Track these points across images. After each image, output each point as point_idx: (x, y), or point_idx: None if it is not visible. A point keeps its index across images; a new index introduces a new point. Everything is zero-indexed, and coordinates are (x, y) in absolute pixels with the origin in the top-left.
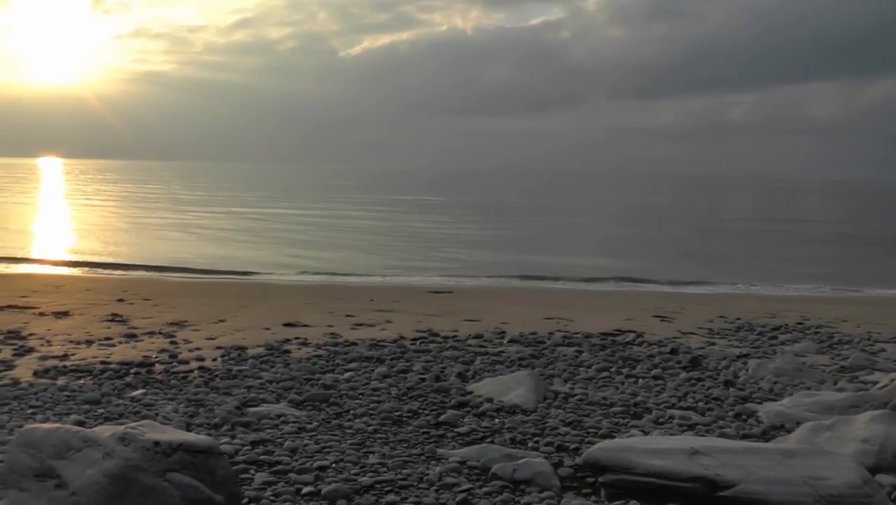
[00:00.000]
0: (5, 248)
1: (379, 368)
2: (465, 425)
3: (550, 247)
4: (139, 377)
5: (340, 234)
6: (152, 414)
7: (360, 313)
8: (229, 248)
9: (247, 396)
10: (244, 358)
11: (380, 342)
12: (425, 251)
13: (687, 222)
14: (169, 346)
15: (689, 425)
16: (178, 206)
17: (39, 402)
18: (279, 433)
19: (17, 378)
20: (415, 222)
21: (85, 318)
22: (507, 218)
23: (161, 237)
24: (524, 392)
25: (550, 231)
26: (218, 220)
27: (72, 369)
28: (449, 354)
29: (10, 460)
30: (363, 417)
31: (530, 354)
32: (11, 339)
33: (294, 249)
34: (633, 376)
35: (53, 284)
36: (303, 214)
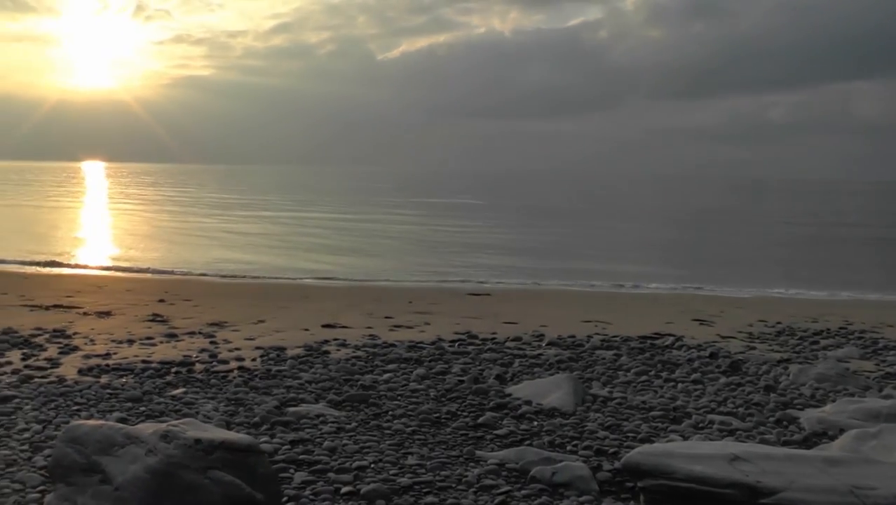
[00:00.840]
0: (51, 251)
1: (417, 369)
2: (504, 428)
3: (589, 250)
4: (180, 376)
5: (378, 236)
6: (193, 412)
7: (399, 315)
8: (267, 253)
9: (286, 395)
10: (283, 358)
11: (418, 344)
12: (463, 254)
13: (726, 225)
14: (209, 346)
15: (728, 431)
16: (216, 210)
17: (84, 399)
18: (318, 433)
19: (62, 375)
20: (454, 225)
21: (127, 318)
22: (546, 221)
23: (199, 241)
24: (563, 395)
25: (589, 234)
26: (255, 225)
27: (114, 368)
28: (487, 357)
29: (58, 455)
30: (402, 418)
31: (569, 358)
32: (57, 337)
33: (331, 253)
34: (672, 380)
35: (96, 284)
36: (342, 219)
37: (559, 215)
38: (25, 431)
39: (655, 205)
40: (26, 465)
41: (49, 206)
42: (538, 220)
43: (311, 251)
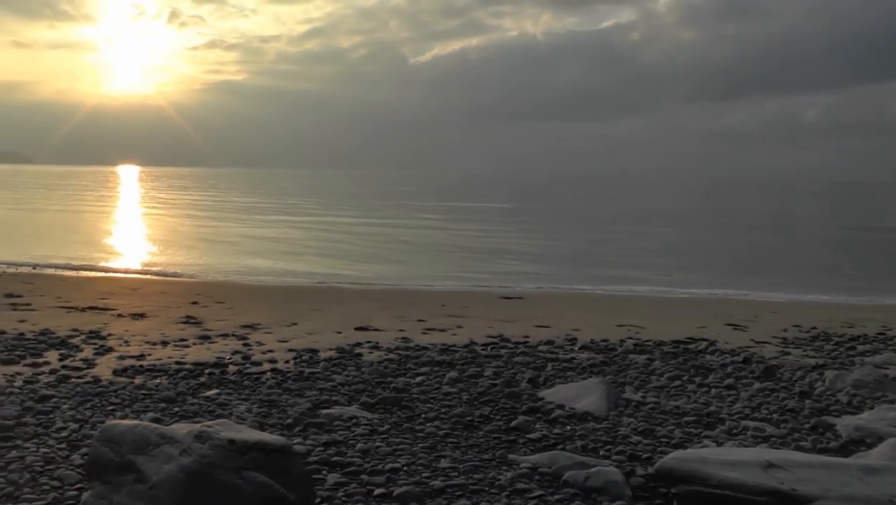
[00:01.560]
0: (86, 254)
1: (450, 372)
2: (537, 432)
3: (622, 253)
4: (213, 377)
5: (409, 240)
6: (226, 414)
7: (431, 318)
8: (299, 257)
9: (319, 397)
10: (316, 360)
11: (451, 347)
12: (494, 257)
13: (760, 228)
14: (242, 347)
15: (763, 437)
16: (248, 213)
17: (118, 399)
18: (351, 435)
19: (97, 376)
20: (486, 230)
21: (160, 319)
22: (579, 224)
23: (231, 244)
24: (596, 399)
25: (622, 237)
26: (287, 228)
27: (148, 369)
28: (520, 360)
29: (94, 454)
30: (434, 420)
31: (601, 362)
32: (92, 338)
33: (362, 257)
34: (705, 386)
35: (130, 287)
36: (372, 223)
37: (592, 219)
38: (63, 430)
39: (689, 208)
40: (64, 463)
41: (85, 210)
42: (571, 224)
43: (343, 255)
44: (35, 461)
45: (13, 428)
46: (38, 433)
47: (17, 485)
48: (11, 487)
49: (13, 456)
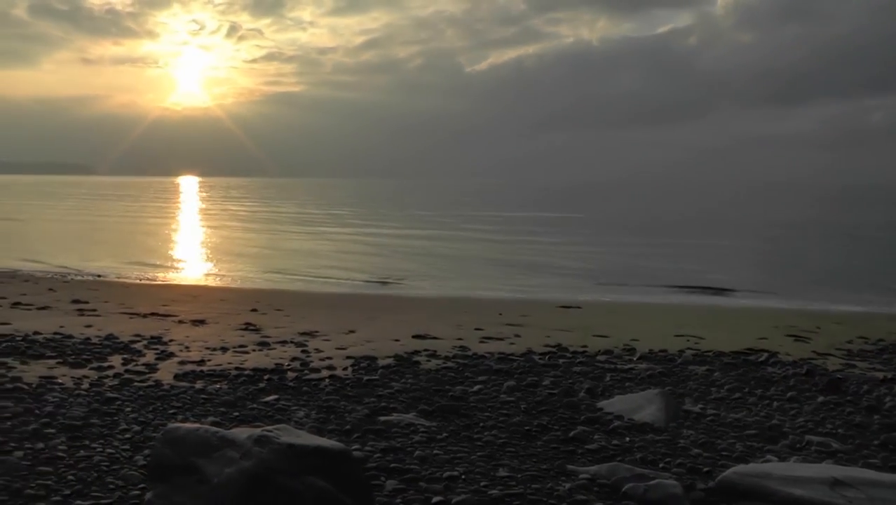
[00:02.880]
0: (148, 261)
1: (508, 381)
2: (595, 442)
3: (681, 263)
4: (272, 383)
5: (467, 249)
6: (285, 419)
7: (489, 327)
8: (357, 265)
9: (377, 404)
10: (374, 368)
11: (509, 356)
12: (551, 266)
13: (822, 236)
14: (300, 354)
15: (828, 453)
16: (306, 222)
17: (179, 403)
18: (409, 442)
19: (159, 380)
20: (544, 239)
21: (220, 326)
22: (637, 233)
23: (290, 252)
24: (655, 411)
25: (681, 247)
26: (344, 237)
27: (208, 374)
28: (578, 370)
29: (156, 456)
30: (493, 429)
31: (660, 372)
32: (154, 344)
33: (419, 265)
34: (766, 398)
35: (191, 294)
36: (430, 232)
37: (650, 227)
38: (126, 432)
39: (747, 215)
40: (128, 463)
41: (146, 220)
42: (628, 233)
43: (398, 264)
44: (101, 461)
45: (81, 428)
46: (103, 434)
47: (86, 483)
48: (80, 485)
49: (81, 455)
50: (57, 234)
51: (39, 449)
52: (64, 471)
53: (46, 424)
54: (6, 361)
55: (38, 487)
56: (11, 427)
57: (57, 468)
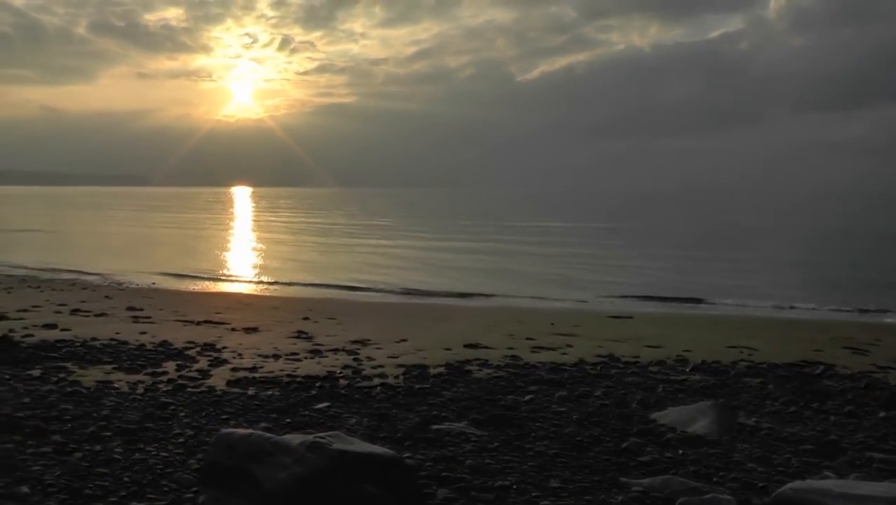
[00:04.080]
0: (202, 270)
1: (560, 391)
2: (648, 454)
3: (732, 272)
4: (324, 390)
5: (518, 258)
6: (337, 426)
7: (540, 337)
8: (410, 274)
9: (429, 413)
10: (426, 376)
11: (560, 366)
12: (604, 276)
13: (880, 245)
14: (352, 362)
15: (891, 471)
16: (358, 232)
17: (232, 408)
18: (461, 451)
19: (212, 386)
20: (594, 249)
21: (272, 334)
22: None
23: (342, 261)
24: (708, 424)
25: (732, 255)
26: (397, 247)
27: (261, 380)
28: (630, 381)
29: (210, 460)
30: (544, 439)
31: (713, 384)
32: (207, 351)
33: (472, 275)
34: (823, 412)
35: (244, 302)
36: (481, 243)
37: (702, 236)
38: (180, 436)
39: (801, 224)
40: (181, 467)
41: (200, 229)
42: (681, 242)
43: (451, 273)
44: (156, 464)
45: (136, 432)
46: (158, 437)
47: (141, 485)
48: (136, 487)
49: (137, 458)
50: (113, 244)
51: (97, 451)
52: (120, 473)
53: (103, 426)
54: (66, 365)
55: (96, 488)
56: (71, 429)
57: (113, 470)
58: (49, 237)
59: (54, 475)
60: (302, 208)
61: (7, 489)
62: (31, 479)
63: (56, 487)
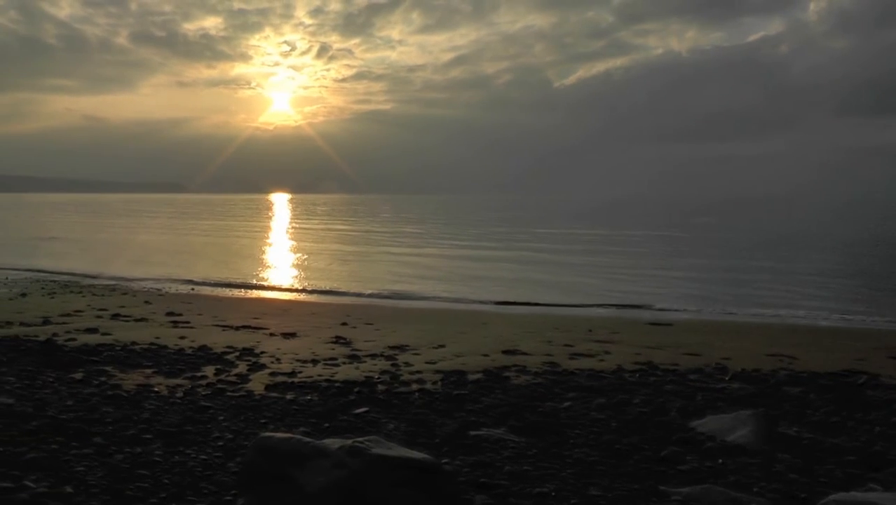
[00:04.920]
0: (240, 276)
1: (598, 398)
2: (687, 463)
3: (771, 279)
4: (362, 396)
5: (556, 265)
6: (375, 431)
7: (578, 343)
8: (445, 281)
9: (467, 419)
10: (464, 382)
11: (599, 373)
12: (641, 284)
13: None
14: (390, 368)
15: None
16: (396, 238)
17: (271, 413)
18: (499, 457)
19: (251, 391)
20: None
21: (311, 339)
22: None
23: (379, 267)
24: (748, 433)
25: (773, 263)
26: (434, 253)
27: (299, 385)
28: (669, 389)
29: (249, 463)
30: (583, 447)
31: (753, 393)
32: (246, 355)
33: (508, 281)
34: (867, 423)
35: (282, 307)
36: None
37: (741, 243)
38: (219, 439)
39: (844, 231)
40: (220, 470)
41: (238, 236)
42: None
43: (487, 280)
44: (195, 466)
45: (176, 434)
46: (197, 440)
47: (181, 487)
48: (176, 489)
49: (176, 460)
50: (152, 250)
51: (138, 453)
52: (160, 474)
53: (144, 429)
54: (107, 369)
55: (137, 490)
56: (112, 431)
57: (154, 472)
58: (89, 243)
59: (96, 476)
60: (339, 215)
61: (52, 489)
62: (74, 479)
63: (98, 488)
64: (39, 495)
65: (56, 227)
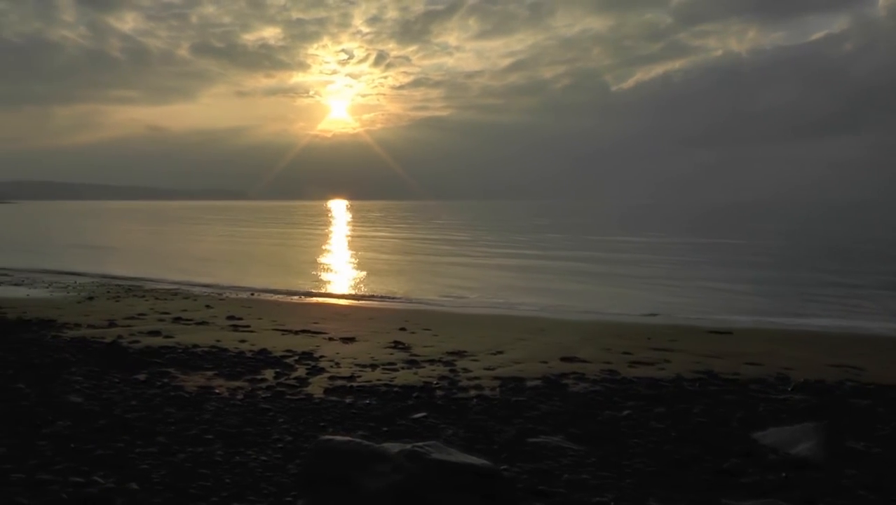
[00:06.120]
0: (299, 281)
1: (657, 407)
2: (749, 476)
3: (838, 288)
4: (420, 401)
5: (616, 272)
6: (433, 436)
7: (637, 351)
8: (502, 289)
9: (525, 425)
10: (522, 389)
11: (658, 381)
12: (701, 291)
13: None
14: (448, 373)
15: None
16: (453, 244)
17: (330, 416)
18: (557, 465)
19: (310, 394)
20: (691, 267)
21: (369, 344)
22: (790, 255)
23: (437, 273)
24: (813, 446)
25: (839, 270)
26: (492, 259)
27: (358, 389)
28: (730, 398)
29: (308, 465)
30: (642, 456)
31: (817, 404)
32: (305, 359)
33: (567, 288)
34: None
35: (340, 312)
36: (579, 255)
37: (806, 250)
38: (279, 441)
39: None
40: (280, 471)
41: (298, 241)
42: (782, 256)
43: (547, 286)
44: (255, 467)
45: (236, 436)
46: (257, 442)
47: (241, 487)
48: (237, 489)
49: (237, 461)
50: (214, 255)
51: (199, 453)
52: (221, 474)
53: (205, 429)
54: (169, 370)
55: (199, 488)
56: (175, 431)
57: (215, 471)
58: (151, 249)
59: (160, 474)
60: (396, 221)
61: (118, 485)
62: (139, 476)
63: (162, 486)
64: (107, 491)
65: (120, 233)
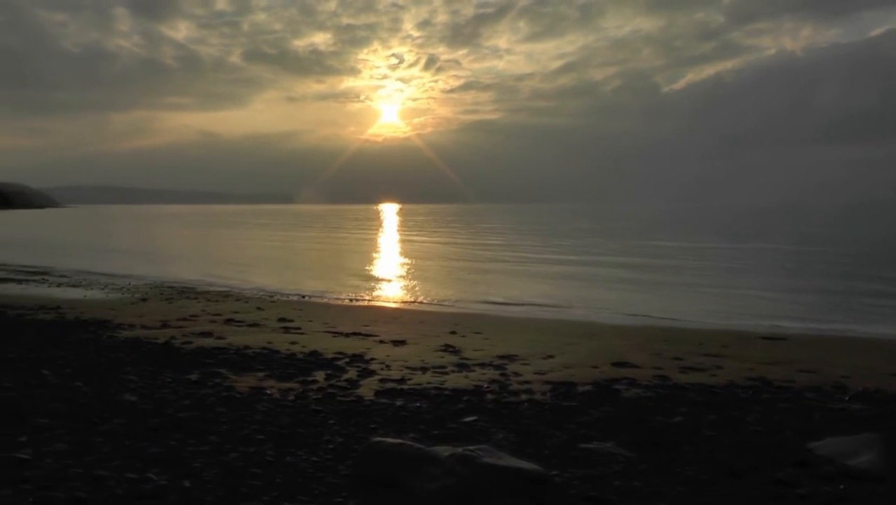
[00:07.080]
0: (350, 284)
1: (710, 414)
2: (805, 487)
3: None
4: (471, 404)
5: (668, 276)
6: (483, 440)
7: (688, 357)
8: (554, 293)
9: (576, 431)
10: (573, 394)
11: (710, 388)
12: (754, 296)
13: None
14: (499, 377)
15: None
16: (504, 247)
17: (381, 418)
18: (609, 471)
19: (361, 396)
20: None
21: (420, 347)
22: (849, 260)
23: (489, 276)
24: (874, 458)
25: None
26: (542, 262)
27: (408, 392)
28: (784, 407)
29: (359, 467)
30: (695, 464)
31: (877, 414)
32: (356, 362)
33: (621, 292)
34: None
35: (391, 315)
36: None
37: (865, 255)
38: (330, 443)
39: None
40: (331, 472)
41: (349, 244)
42: (840, 260)
43: (597, 290)
44: (307, 468)
45: (288, 436)
46: (308, 443)
47: (292, 487)
48: (288, 489)
49: (288, 461)
50: (265, 257)
51: (251, 452)
52: (272, 474)
53: (257, 430)
54: (222, 371)
55: (250, 487)
56: (227, 431)
57: (266, 471)
58: (203, 251)
59: (212, 472)
60: (447, 225)
61: (171, 482)
62: (192, 474)
63: (214, 484)
64: (161, 488)
65: (171, 237)
